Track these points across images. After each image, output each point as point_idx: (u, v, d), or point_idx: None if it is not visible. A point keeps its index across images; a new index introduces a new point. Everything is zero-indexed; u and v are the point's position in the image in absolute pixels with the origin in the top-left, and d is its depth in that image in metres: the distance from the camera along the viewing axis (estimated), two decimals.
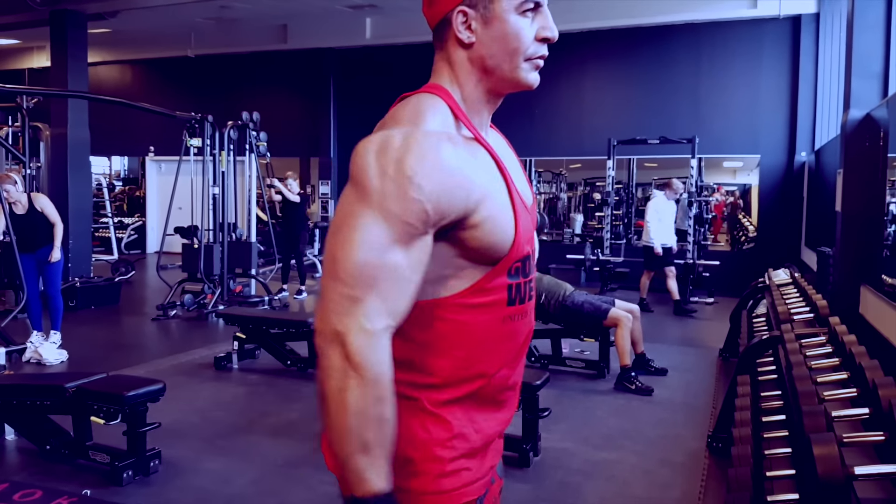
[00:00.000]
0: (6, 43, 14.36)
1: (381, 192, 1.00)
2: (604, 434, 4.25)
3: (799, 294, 4.78)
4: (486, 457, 1.21)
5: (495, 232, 1.09)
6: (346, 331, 0.98)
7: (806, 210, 9.10)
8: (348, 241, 1.00)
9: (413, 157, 1.01)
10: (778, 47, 9.87)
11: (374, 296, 0.99)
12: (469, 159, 1.08)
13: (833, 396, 2.37)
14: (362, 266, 0.99)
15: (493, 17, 1.12)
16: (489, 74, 1.15)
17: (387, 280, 1.00)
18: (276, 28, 12.43)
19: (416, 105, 1.11)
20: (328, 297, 1.01)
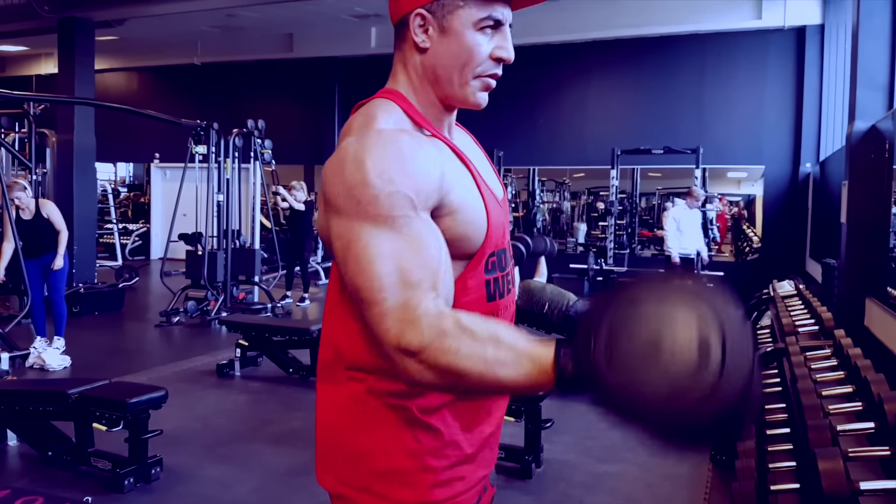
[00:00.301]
0: (14, 50, 14.44)
1: (359, 202, 0.99)
2: (606, 446, 4.23)
3: (804, 306, 4.77)
4: (478, 464, 1.20)
5: (468, 221, 1.08)
6: (399, 338, 0.95)
7: (810, 221, 9.08)
8: (360, 267, 0.99)
9: (373, 157, 1.00)
10: (783, 58, 9.87)
11: (406, 291, 0.97)
12: (430, 147, 1.08)
13: (838, 410, 2.36)
14: (383, 278, 0.97)
15: (449, 27, 1.10)
16: (438, 84, 1.14)
17: (411, 271, 0.98)
18: (282, 36, 12.48)
19: (367, 111, 1.11)
20: (373, 323, 0.98)
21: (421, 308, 0.96)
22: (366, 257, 0.98)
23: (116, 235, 13.56)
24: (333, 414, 1.18)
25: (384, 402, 1.12)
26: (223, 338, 7.08)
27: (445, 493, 1.14)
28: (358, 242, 0.99)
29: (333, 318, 1.18)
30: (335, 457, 1.18)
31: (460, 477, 1.15)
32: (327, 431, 1.20)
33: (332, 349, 1.18)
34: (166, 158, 13.90)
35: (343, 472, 1.16)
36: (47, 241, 6.01)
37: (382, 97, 1.15)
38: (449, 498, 1.14)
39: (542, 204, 13.91)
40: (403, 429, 1.11)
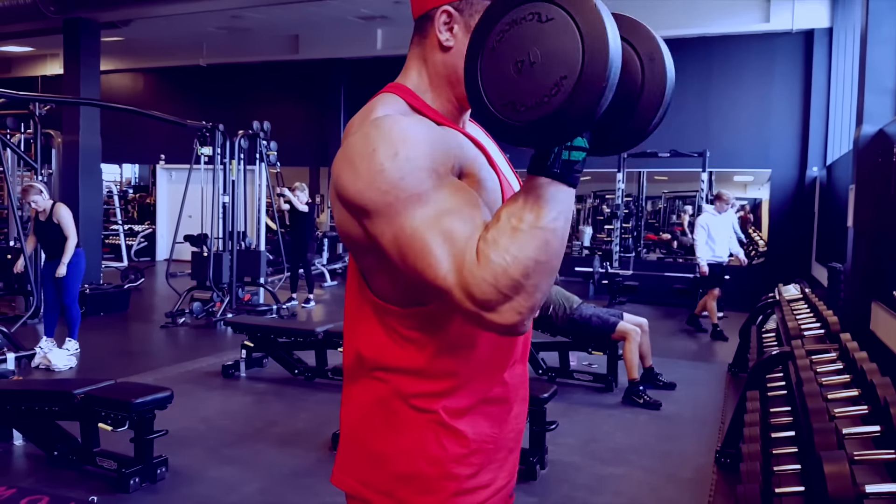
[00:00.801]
0: (20, 50, 14.51)
1: (385, 194, 0.95)
2: (611, 448, 4.23)
3: (809, 310, 4.76)
4: (504, 469, 1.19)
5: (490, 196, 1.04)
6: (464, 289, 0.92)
7: (817, 225, 9.06)
8: (416, 254, 0.95)
9: (380, 145, 0.96)
10: (790, 62, 9.86)
11: (450, 246, 0.93)
12: (434, 127, 1.04)
13: (844, 413, 2.35)
14: (439, 251, 0.93)
15: None
16: (459, 85, 1.09)
17: (455, 233, 0.94)
18: (288, 38, 12.51)
19: (367, 107, 1.09)
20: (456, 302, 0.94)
21: (468, 261, 0.92)
22: (416, 243, 0.94)
23: (122, 236, 13.61)
24: (357, 415, 1.16)
25: (409, 403, 1.10)
26: (228, 339, 7.09)
27: (467, 501, 1.12)
28: (403, 233, 0.95)
29: (354, 319, 1.16)
30: (357, 458, 1.16)
31: (485, 485, 1.14)
32: (350, 433, 1.18)
33: (353, 351, 1.16)
34: (172, 160, 13.94)
35: (364, 474, 1.14)
36: (55, 245, 6.01)
37: (385, 92, 1.13)
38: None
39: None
40: (427, 433, 1.09)
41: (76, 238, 6.00)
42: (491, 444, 1.15)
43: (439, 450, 1.10)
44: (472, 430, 1.12)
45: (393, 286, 1.07)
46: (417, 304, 1.06)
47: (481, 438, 1.13)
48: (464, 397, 1.11)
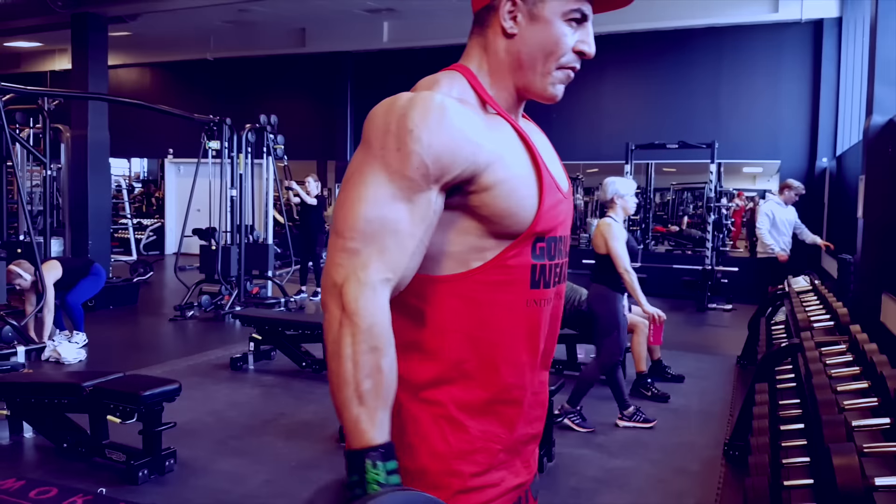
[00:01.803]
0: (29, 46, 14.54)
1: (383, 146, 1.01)
2: (618, 441, 4.22)
3: (819, 301, 4.73)
4: (513, 471, 1.17)
5: (511, 198, 1.06)
6: (342, 281, 0.98)
7: (827, 216, 9.00)
8: (350, 196, 1.02)
9: (416, 112, 1.01)
10: (799, 52, 9.78)
11: (373, 249, 0.99)
12: (480, 122, 1.07)
13: (853, 406, 2.33)
14: (362, 220, 1.00)
15: (540, 14, 1.11)
16: (521, 70, 1.14)
17: (386, 234, 1.00)
18: (295, 31, 12.49)
19: (435, 77, 1.13)
20: (330, 251, 1.02)
21: (375, 278, 0.98)
22: (359, 193, 1.01)
23: (131, 230, 13.65)
24: None
25: (416, 395, 1.10)
26: (237, 332, 7.11)
27: (472, 499, 1.11)
28: (362, 176, 1.02)
29: None
30: None
31: (493, 483, 1.13)
32: None
33: None
34: (180, 154, 13.97)
35: None
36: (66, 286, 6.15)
37: (453, 70, 1.16)
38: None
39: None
40: (432, 427, 1.09)
41: (51, 297, 6.01)
42: (498, 445, 1.13)
43: (443, 445, 1.09)
44: (479, 428, 1.11)
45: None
46: (426, 271, 1.08)
47: (487, 437, 1.12)
48: (473, 390, 1.10)
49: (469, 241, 1.08)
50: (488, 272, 1.08)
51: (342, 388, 0.97)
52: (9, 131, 6.53)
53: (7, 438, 3.97)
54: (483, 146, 1.05)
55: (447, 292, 1.08)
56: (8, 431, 3.98)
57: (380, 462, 0.95)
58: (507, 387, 1.13)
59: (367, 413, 0.96)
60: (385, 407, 0.98)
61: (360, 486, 0.94)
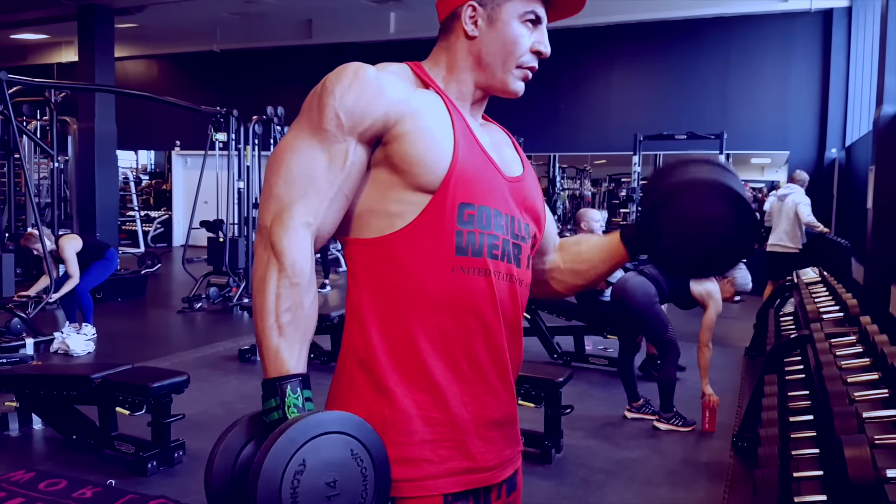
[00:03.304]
0: (35, 38, 14.55)
1: (309, 108, 1.14)
2: (627, 432, 4.22)
3: (828, 293, 4.70)
4: (463, 452, 1.14)
5: (418, 144, 1.12)
6: (269, 225, 1.08)
7: (836, 207, 8.95)
8: (279, 150, 1.13)
9: (335, 75, 1.14)
10: (809, 42, 9.71)
11: (295, 194, 1.09)
12: (399, 84, 1.16)
13: (864, 397, 2.32)
14: (285, 168, 1.10)
15: (498, 18, 1.21)
16: (482, 69, 1.23)
17: (306, 181, 1.09)
18: (301, 23, 12.46)
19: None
20: (262, 200, 1.12)
21: (297, 221, 1.08)
22: (287, 145, 1.13)
23: (138, 223, 13.69)
24: (333, 382, 1.22)
25: (356, 360, 1.14)
26: (245, 323, 7.13)
27: (407, 472, 1.09)
28: (291, 133, 1.14)
29: None
30: None
31: (429, 459, 1.10)
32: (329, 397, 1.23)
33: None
34: (187, 146, 13.98)
35: None
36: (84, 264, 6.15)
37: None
38: (410, 479, 1.09)
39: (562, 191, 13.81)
40: (368, 395, 1.13)
41: (77, 276, 6.04)
42: (438, 417, 1.12)
43: (378, 412, 1.11)
44: (414, 398, 1.11)
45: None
46: (357, 234, 1.16)
47: (425, 409, 1.11)
48: (405, 358, 1.11)
49: (391, 197, 1.13)
50: (411, 234, 1.12)
51: (264, 319, 1.05)
52: (16, 124, 6.53)
53: (17, 430, 3.99)
54: (397, 101, 1.13)
55: (375, 255, 1.14)
56: (17, 423, 4.00)
57: (298, 388, 1.04)
58: (443, 356, 1.12)
59: (286, 344, 1.05)
60: (304, 341, 1.07)
61: (278, 410, 1.03)
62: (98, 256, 6.25)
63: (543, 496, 3.36)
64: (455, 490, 1.12)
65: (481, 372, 1.16)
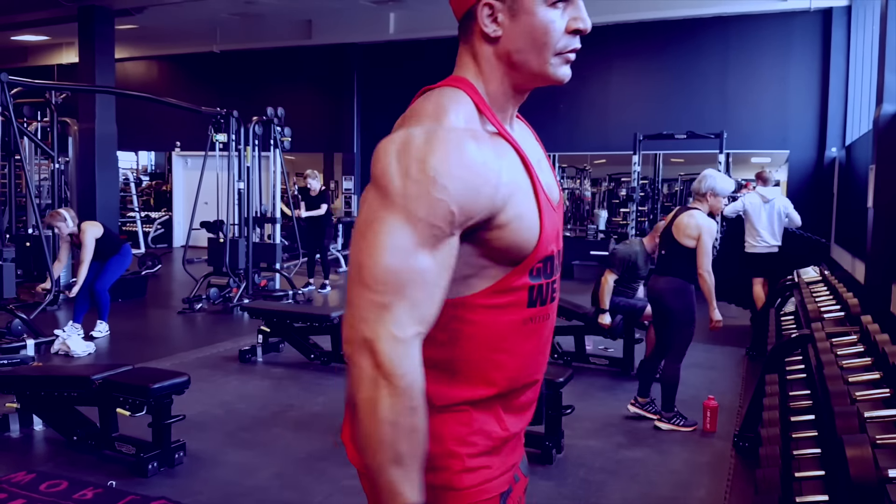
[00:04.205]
0: (36, 39, 14.56)
1: (405, 194, 0.96)
2: (627, 432, 4.21)
3: (829, 292, 4.70)
4: (507, 453, 1.19)
5: (521, 231, 1.06)
6: (375, 338, 0.94)
7: (836, 206, 8.94)
8: (374, 246, 0.96)
9: (436, 157, 0.97)
10: (808, 41, 9.71)
11: (404, 302, 0.95)
12: (493, 157, 1.04)
13: (865, 397, 2.32)
14: (390, 272, 0.95)
15: (520, 9, 1.07)
16: (516, 70, 1.10)
17: (415, 285, 0.96)
18: (301, 23, 12.46)
19: (439, 100, 1.07)
20: (356, 304, 0.96)
21: (409, 333, 0.95)
22: (383, 243, 0.95)
23: (139, 223, 13.69)
24: None
25: None
26: (245, 324, 7.12)
27: (474, 479, 1.13)
28: (384, 225, 0.96)
29: None
30: None
31: (488, 465, 1.14)
32: None
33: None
34: (187, 147, 13.98)
35: None
36: (100, 254, 6.16)
37: (453, 85, 1.10)
38: (477, 484, 1.13)
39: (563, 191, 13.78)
40: (432, 414, 1.09)
41: (88, 262, 6.06)
42: (493, 430, 1.15)
43: (443, 428, 1.10)
44: (477, 415, 1.13)
45: None
46: None
47: (484, 422, 1.14)
48: (468, 393, 1.12)
49: (472, 267, 1.07)
50: (488, 296, 1.09)
51: (378, 451, 0.95)
52: (17, 125, 6.54)
53: (17, 431, 3.99)
54: (500, 183, 1.03)
55: (447, 316, 1.06)
56: (18, 424, 3.99)
57: None
58: (504, 389, 1.15)
59: (404, 474, 0.95)
60: (420, 467, 0.97)
61: None
62: (114, 250, 6.28)
63: (544, 496, 3.36)
64: (505, 488, 1.18)
65: (533, 391, 1.22)
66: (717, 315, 4.27)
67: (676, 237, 4.14)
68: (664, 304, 4.20)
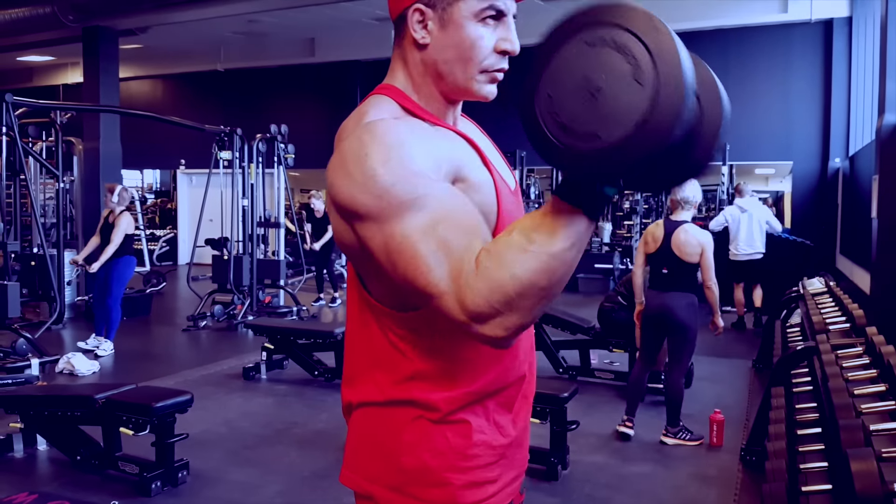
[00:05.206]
0: (41, 60, 14.68)
1: (378, 198, 0.95)
2: (633, 447, 4.18)
3: (834, 303, 4.68)
4: (511, 462, 1.18)
5: (479, 202, 1.04)
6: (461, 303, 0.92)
7: (841, 217, 8.93)
8: (406, 260, 0.95)
9: (372, 151, 0.96)
10: (809, 52, 9.72)
11: (446, 257, 0.93)
12: (429, 129, 1.06)
13: (871, 409, 2.30)
14: (432, 258, 0.93)
15: (450, 20, 1.06)
16: (441, 79, 1.10)
17: (451, 242, 0.94)
18: (304, 41, 12.55)
19: (359, 110, 1.08)
20: (444, 309, 0.94)
21: (466, 270, 0.92)
22: (407, 250, 0.94)
23: (144, 241, 13.72)
24: (362, 412, 1.16)
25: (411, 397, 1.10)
26: (249, 341, 7.12)
27: (476, 495, 1.11)
28: (393, 239, 0.95)
29: (354, 323, 1.17)
30: (364, 455, 1.16)
31: (492, 479, 1.13)
32: (356, 430, 1.18)
33: (354, 355, 1.19)
34: (192, 164, 14.04)
35: (372, 470, 1.14)
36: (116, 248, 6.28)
37: (376, 94, 1.12)
38: (480, 500, 1.12)
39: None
40: (431, 427, 1.09)
41: (116, 246, 6.24)
42: (495, 439, 1.14)
43: (443, 442, 1.09)
44: (476, 425, 1.11)
45: (389, 290, 1.07)
46: (414, 307, 1.04)
47: (484, 433, 1.12)
48: (462, 397, 1.10)
49: None
50: None
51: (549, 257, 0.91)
52: (22, 145, 6.58)
53: (21, 451, 3.98)
54: (450, 147, 1.05)
55: (427, 321, 1.05)
56: (22, 444, 3.98)
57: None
58: (502, 392, 1.14)
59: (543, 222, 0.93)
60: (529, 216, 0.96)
61: None
62: (122, 252, 6.37)
63: None
64: (510, 500, 1.18)
65: (529, 389, 1.21)
66: (721, 322, 4.34)
67: (678, 255, 4.12)
68: (677, 320, 4.15)
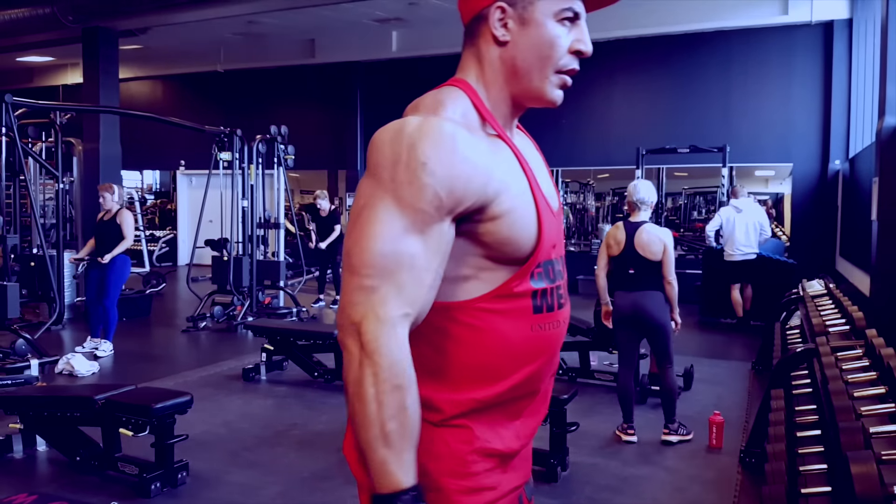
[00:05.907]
0: (41, 60, 14.68)
1: (394, 179, 0.99)
2: (633, 449, 4.18)
3: (834, 305, 4.68)
4: (511, 473, 1.17)
5: (516, 227, 1.06)
6: (361, 320, 0.96)
7: (840, 219, 8.93)
8: (363, 232, 0.99)
9: (427, 143, 1.00)
10: (810, 54, 9.72)
11: (390, 285, 0.97)
12: (487, 150, 1.06)
13: (871, 412, 2.30)
14: (377, 256, 0.98)
15: (530, 18, 1.10)
16: (517, 78, 1.13)
17: (402, 269, 0.98)
18: (304, 42, 12.55)
19: (437, 96, 1.10)
20: (346, 290, 1.00)
21: (394, 314, 0.97)
22: (374, 229, 0.99)
23: (144, 242, 13.72)
24: None
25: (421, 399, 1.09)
26: (249, 342, 7.12)
27: (474, 500, 1.10)
28: (374, 210, 0.99)
29: None
30: None
31: (491, 486, 1.12)
32: None
33: None
34: (192, 165, 14.05)
35: None
36: (110, 245, 6.27)
37: (453, 85, 1.13)
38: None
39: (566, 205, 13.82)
40: (431, 429, 1.08)
41: (131, 241, 6.33)
42: (496, 446, 1.13)
43: (443, 447, 1.09)
44: (478, 431, 1.11)
45: None
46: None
47: (486, 439, 1.12)
48: (470, 401, 1.10)
49: (471, 268, 1.08)
50: (490, 301, 1.08)
51: (367, 429, 0.96)
52: (21, 145, 6.58)
53: (20, 452, 3.98)
54: (492, 176, 1.04)
55: (448, 320, 1.08)
56: (21, 445, 3.98)
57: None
58: (510, 397, 1.13)
59: (394, 455, 0.95)
60: (412, 447, 0.97)
61: None
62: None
63: None
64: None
65: (540, 406, 1.20)
66: (679, 319, 4.36)
67: (643, 254, 4.15)
68: (653, 320, 4.21)
